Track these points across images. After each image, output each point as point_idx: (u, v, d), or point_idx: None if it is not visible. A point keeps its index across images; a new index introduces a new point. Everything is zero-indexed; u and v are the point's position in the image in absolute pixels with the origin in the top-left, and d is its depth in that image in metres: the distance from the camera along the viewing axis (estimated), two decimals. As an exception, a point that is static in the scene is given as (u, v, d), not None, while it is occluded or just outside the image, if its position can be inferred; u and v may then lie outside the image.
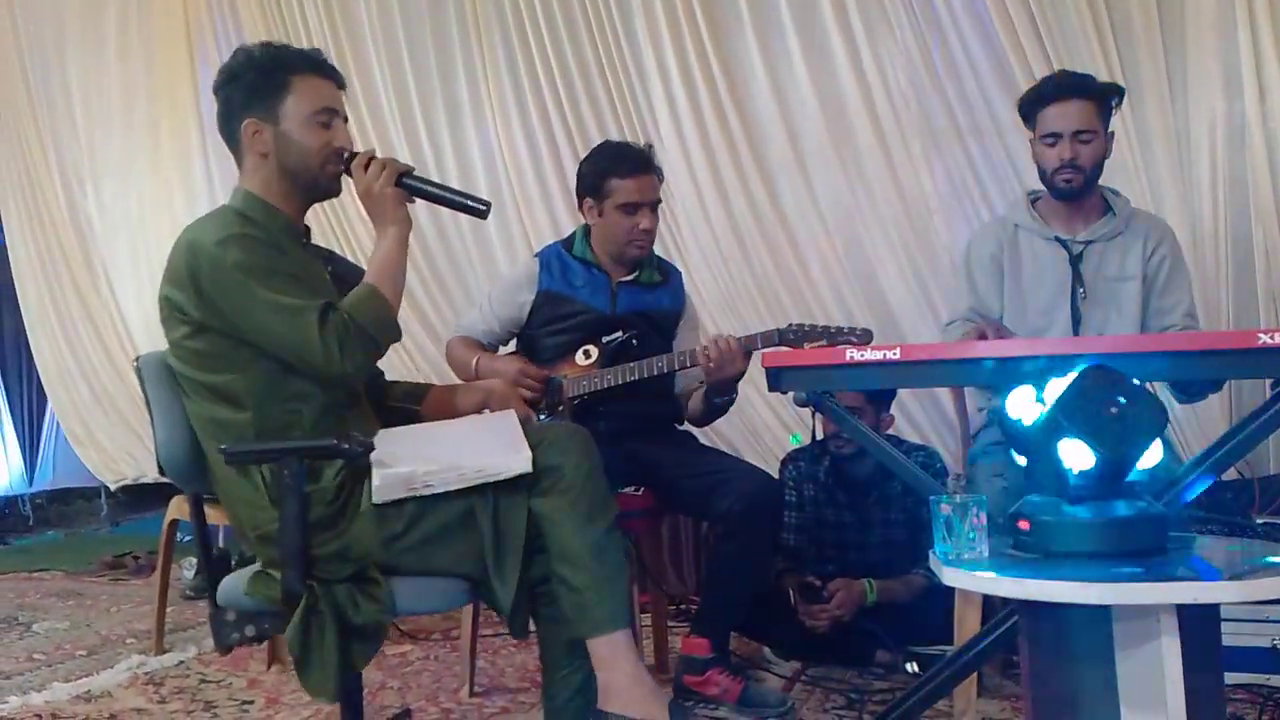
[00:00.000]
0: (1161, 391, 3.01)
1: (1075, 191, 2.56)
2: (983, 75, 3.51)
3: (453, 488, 1.80)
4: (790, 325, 2.48)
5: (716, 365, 2.47)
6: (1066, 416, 1.53)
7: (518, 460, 1.79)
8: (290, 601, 1.77)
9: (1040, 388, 1.61)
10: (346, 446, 1.76)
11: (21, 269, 5.50)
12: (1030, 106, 2.59)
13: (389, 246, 1.95)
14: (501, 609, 1.84)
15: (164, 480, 2.23)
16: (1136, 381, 1.57)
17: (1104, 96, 2.56)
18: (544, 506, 1.82)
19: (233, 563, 2.01)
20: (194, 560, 4.10)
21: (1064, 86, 2.55)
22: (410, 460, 1.82)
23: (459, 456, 1.83)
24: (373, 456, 1.80)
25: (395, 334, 1.93)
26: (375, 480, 1.80)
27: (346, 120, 1.99)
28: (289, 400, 1.86)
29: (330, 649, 1.76)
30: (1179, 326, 2.57)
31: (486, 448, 1.85)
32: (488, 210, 2.03)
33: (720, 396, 2.64)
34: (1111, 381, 1.54)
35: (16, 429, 6.62)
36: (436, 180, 2.13)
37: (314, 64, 1.95)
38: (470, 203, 2.03)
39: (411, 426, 2.06)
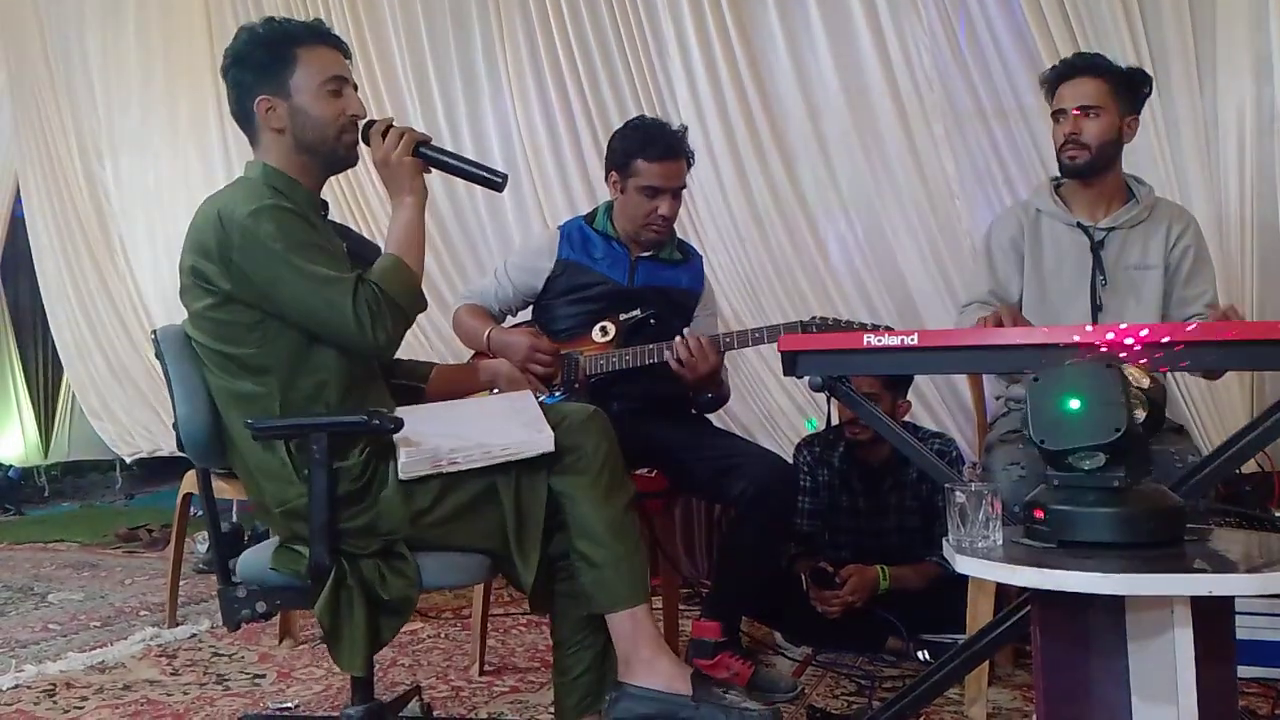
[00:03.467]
0: (1187, 381, 3.00)
1: (1080, 169, 2.55)
2: (1008, 57, 3.46)
3: (478, 465, 1.83)
4: (813, 318, 2.47)
5: (687, 365, 2.47)
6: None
7: (542, 439, 1.82)
8: (318, 576, 1.78)
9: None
10: (377, 422, 1.78)
11: (40, 241, 5.53)
12: (1047, 87, 2.61)
13: (408, 216, 1.95)
14: (523, 585, 1.86)
15: (178, 454, 2.24)
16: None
17: (1117, 76, 2.55)
18: (564, 485, 1.85)
19: (245, 538, 2.02)
20: (207, 535, 4.13)
21: (1074, 65, 2.57)
22: (436, 437, 1.84)
23: (483, 435, 1.85)
24: (398, 433, 1.82)
25: (422, 304, 1.94)
26: (402, 457, 1.82)
27: (356, 88, 1.99)
28: (313, 374, 1.87)
29: (359, 622, 1.78)
30: (1201, 318, 2.54)
31: (510, 427, 1.88)
32: (504, 183, 2.02)
33: (700, 395, 2.63)
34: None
35: (33, 401, 6.68)
36: (453, 151, 2.12)
37: (318, 34, 1.95)
38: (486, 174, 2.02)
39: (432, 404, 2.07)
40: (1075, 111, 2.51)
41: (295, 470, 1.84)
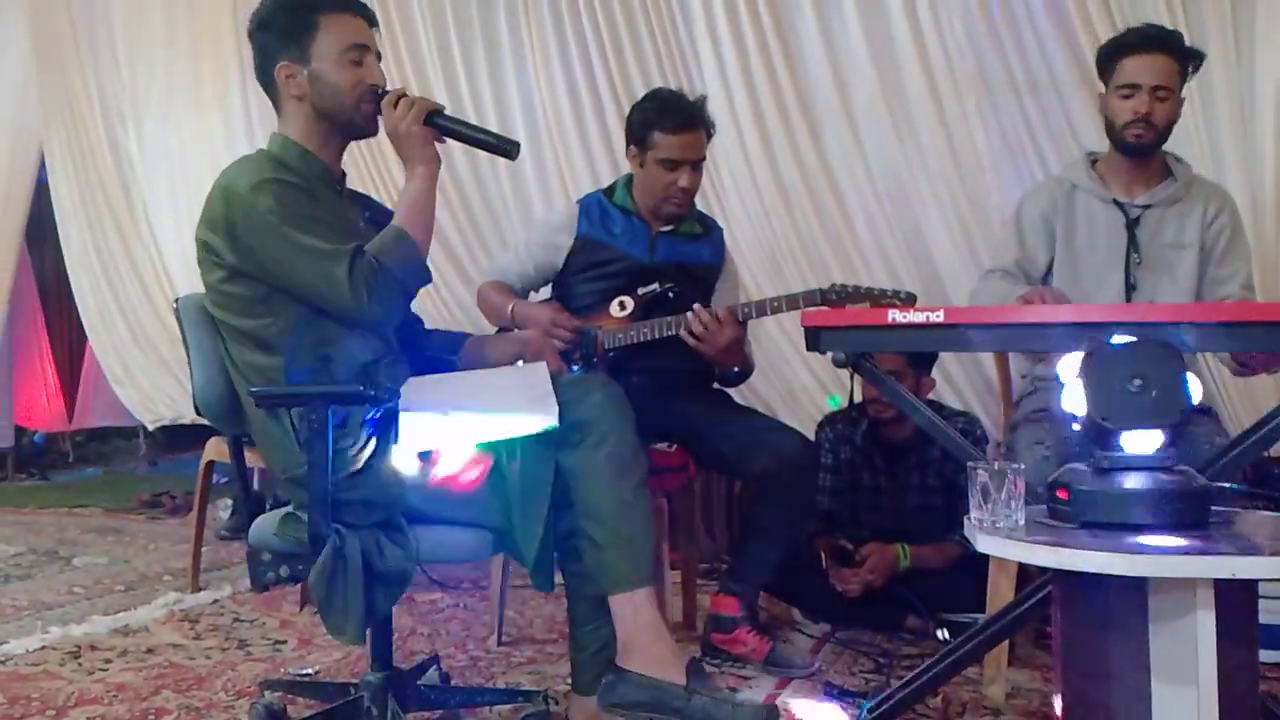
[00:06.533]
0: (1214, 363, 2.95)
1: (1143, 148, 2.48)
2: (1042, 27, 3.38)
3: (479, 439, 1.80)
4: (833, 285, 2.43)
5: (704, 339, 2.43)
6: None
7: (545, 415, 1.79)
8: (316, 544, 1.78)
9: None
10: (373, 393, 1.76)
11: (63, 206, 5.51)
12: (1110, 55, 2.50)
13: (417, 187, 1.94)
14: (525, 562, 1.84)
15: (200, 422, 2.25)
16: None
17: (1187, 56, 2.48)
18: (572, 461, 1.82)
19: (268, 505, 2.03)
20: (229, 501, 4.16)
21: (1150, 39, 2.46)
22: (437, 409, 1.82)
23: (486, 408, 1.83)
24: (400, 405, 1.81)
25: (425, 277, 1.92)
26: (401, 428, 1.81)
27: (380, 57, 1.98)
28: (320, 346, 1.87)
29: (354, 593, 1.77)
30: (1235, 298, 2.50)
31: (515, 400, 1.85)
32: (516, 151, 2.00)
33: (724, 369, 2.61)
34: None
35: (58, 367, 6.72)
36: (466, 120, 2.11)
37: (342, 1, 1.93)
38: (498, 142, 2.01)
39: (443, 375, 2.05)
40: (1151, 90, 2.43)
41: (297, 439, 1.84)
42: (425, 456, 1.82)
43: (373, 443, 1.84)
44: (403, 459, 1.82)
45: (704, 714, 1.74)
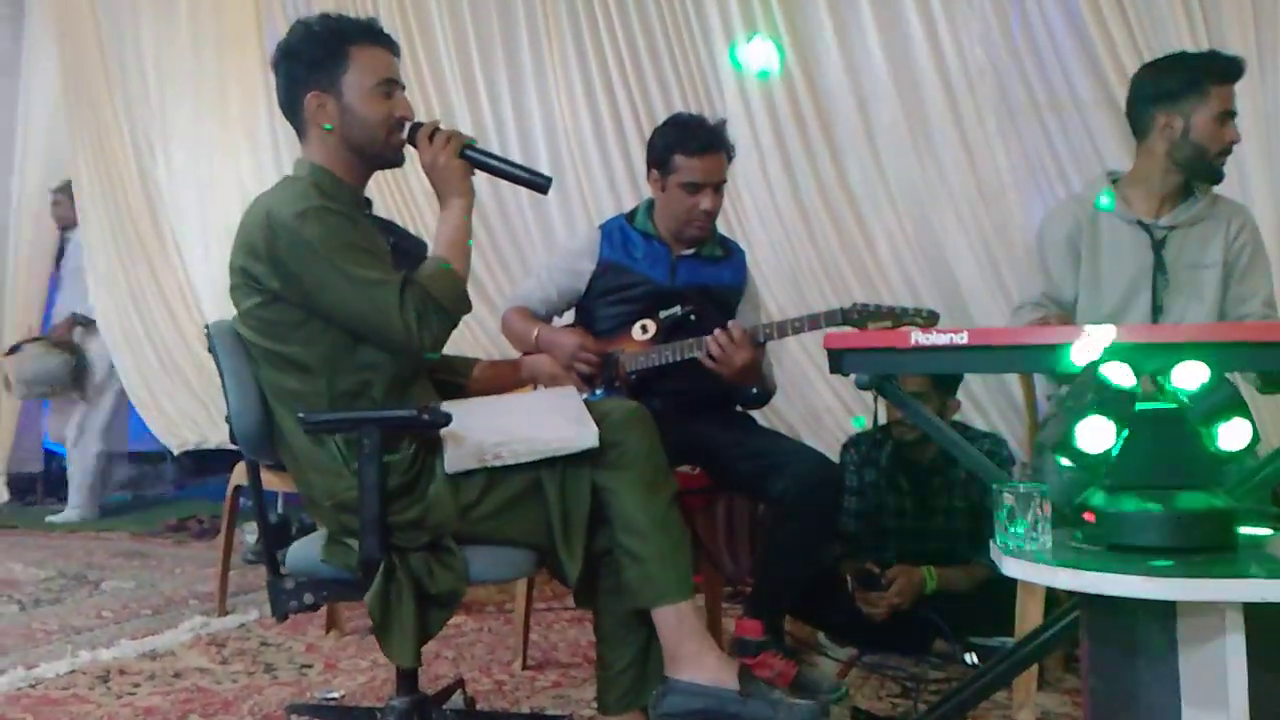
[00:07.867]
0: (1240, 380, 2.92)
1: (1222, 176, 2.49)
2: (1063, 47, 3.38)
3: (523, 460, 1.85)
4: (855, 305, 2.42)
5: (720, 360, 2.44)
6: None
7: (586, 435, 1.84)
8: (368, 568, 1.80)
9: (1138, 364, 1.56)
10: (427, 417, 1.80)
11: (91, 232, 5.57)
12: (1199, 79, 2.45)
13: (456, 219, 1.97)
14: (568, 579, 1.88)
15: (227, 446, 2.27)
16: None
17: None
18: (608, 479, 1.86)
19: (293, 530, 2.05)
20: (256, 526, 4.18)
21: (1240, 70, 2.46)
22: (481, 432, 1.86)
23: (528, 429, 1.87)
24: (445, 428, 1.84)
25: (467, 306, 1.95)
26: (449, 451, 1.84)
27: (404, 88, 2.01)
28: (359, 371, 1.89)
29: (408, 615, 1.80)
30: (1258, 315, 2.49)
31: (554, 422, 1.89)
32: (548, 185, 2.03)
33: (741, 391, 2.60)
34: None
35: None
36: (498, 153, 2.13)
37: (373, 34, 1.96)
38: (531, 176, 2.03)
39: (477, 399, 2.09)
40: (1233, 118, 2.43)
41: (346, 464, 1.86)
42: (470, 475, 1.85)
43: (420, 465, 1.86)
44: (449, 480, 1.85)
45: (761, 716, 1.78)
